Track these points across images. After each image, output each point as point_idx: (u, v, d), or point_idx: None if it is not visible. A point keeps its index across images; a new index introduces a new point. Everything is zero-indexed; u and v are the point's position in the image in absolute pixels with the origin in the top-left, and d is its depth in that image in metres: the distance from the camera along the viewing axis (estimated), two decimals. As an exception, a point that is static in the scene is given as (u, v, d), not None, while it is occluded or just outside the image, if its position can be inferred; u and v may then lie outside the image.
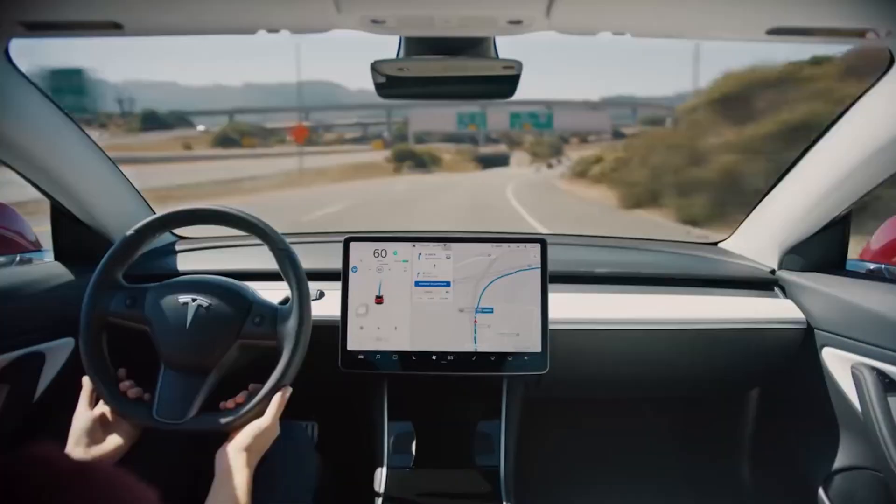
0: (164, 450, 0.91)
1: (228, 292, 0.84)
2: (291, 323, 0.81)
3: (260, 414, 0.77)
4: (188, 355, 0.81)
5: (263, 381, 0.80)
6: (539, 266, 1.00)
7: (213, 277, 0.88)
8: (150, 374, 0.82)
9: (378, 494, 0.99)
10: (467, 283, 1.00)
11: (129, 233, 0.85)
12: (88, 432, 0.76)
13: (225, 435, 0.77)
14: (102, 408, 0.79)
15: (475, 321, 0.99)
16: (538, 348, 0.98)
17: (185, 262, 1.18)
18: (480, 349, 0.99)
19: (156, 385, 0.81)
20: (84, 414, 0.78)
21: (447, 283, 1.00)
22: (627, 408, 1.55)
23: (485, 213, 11.09)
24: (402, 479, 1.01)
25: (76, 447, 0.74)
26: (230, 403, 0.80)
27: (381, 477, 1.02)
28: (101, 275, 0.83)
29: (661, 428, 1.56)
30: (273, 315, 0.83)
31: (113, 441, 0.77)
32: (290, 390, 0.80)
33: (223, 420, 0.78)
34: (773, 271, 1.18)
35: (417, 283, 1.00)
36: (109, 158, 1.09)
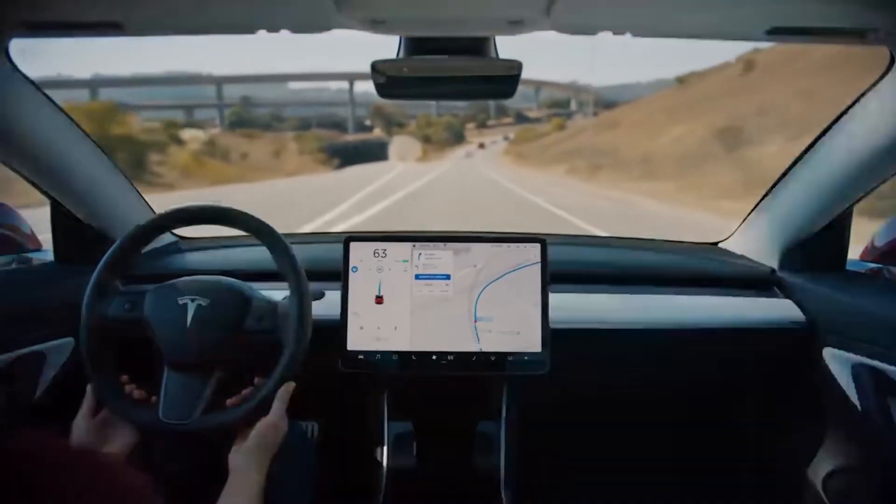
0: (166, 449, 0.91)
1: (227, 290, 0.84)
2: (292, 317, 0.81)
3: (266, 409, 0.77)
4: (190, 355, 0.81)
5: (268, 377, 0.80)
6: (538, 265, 1.00)
7: (210, 277, 0.88)
8: (154, 376, 0.82)
9: (378, 494, 0.99)
10: (467, 283, 1.00)
11: (123, 237, 0.85)
12: (86, 442, 0.76)
13: (232, 433, 0.78)
14: (101, 416, 0.79)
15: (475, 321, 0.99)
16: (538, 348, 0.98)
17: (186, 262, 1.18)
18: (480, 349, 0.99)
19: (160, 387, 0.81)
20: (82, 424, 0.78)
21: (447, 277, 1.00)
22: (627, 408, 1.55)
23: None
24: (403, 479, 1.01)
25: None
26: (236, 400, 0.80)
27: (381, 477, 1.01)
28: (97, 281, 0.83)
29: (661, 427, 1.56)
30: (273, 310, 0.83)
31: (112, 448, 0.77)
32: (293, 385, 0.80)
33: (230, 417, 0.78)
34: (773, 271, 1.18)
35: (418, 277, 1.00)
36: (110, 158, 1.09)
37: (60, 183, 1.00)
